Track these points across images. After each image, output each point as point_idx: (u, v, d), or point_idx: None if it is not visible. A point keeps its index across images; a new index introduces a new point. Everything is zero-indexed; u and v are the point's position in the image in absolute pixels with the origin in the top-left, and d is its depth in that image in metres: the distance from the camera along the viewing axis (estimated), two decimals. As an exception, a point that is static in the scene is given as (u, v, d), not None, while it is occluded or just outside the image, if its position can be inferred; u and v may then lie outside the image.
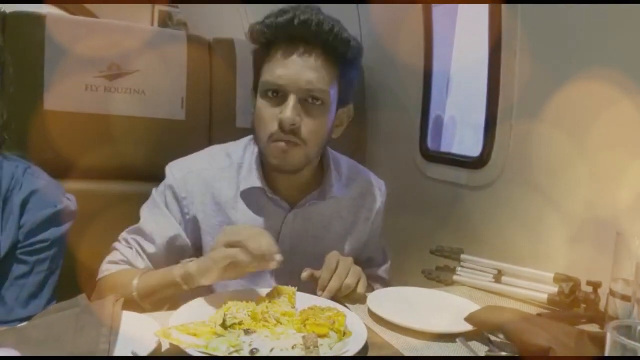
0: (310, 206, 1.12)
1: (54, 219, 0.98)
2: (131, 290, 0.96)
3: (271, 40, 1.00)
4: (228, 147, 1.15)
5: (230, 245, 0.87)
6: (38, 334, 0.74)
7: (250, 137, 1.14)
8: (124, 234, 1.11)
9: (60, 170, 1.26)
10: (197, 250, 1.10)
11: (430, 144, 1.61)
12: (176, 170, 1.09)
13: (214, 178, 1.09)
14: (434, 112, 1.61)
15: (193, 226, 1.09)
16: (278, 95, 1.00)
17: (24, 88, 1.28)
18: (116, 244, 1.10)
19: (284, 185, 1.09)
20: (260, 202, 1.09)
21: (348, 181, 1.19)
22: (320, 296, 0.96)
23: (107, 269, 1.08)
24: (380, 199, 1.23)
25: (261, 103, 1.01)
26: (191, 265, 0.92)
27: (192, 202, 1.08)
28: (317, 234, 1.15)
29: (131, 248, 1.08)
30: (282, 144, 0.99)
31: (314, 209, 1.13)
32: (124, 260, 1.08)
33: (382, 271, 1.27)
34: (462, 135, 1.65)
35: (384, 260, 1.30)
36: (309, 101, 1.00)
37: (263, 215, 1.10)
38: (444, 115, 1.65)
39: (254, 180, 1.07)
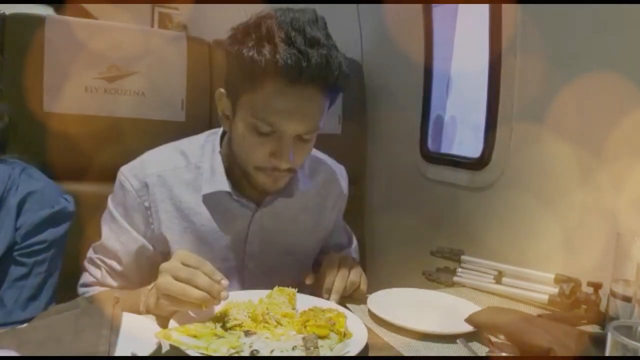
0: (277, 203, 1.07)
1: (52, 220, 0.97)
2: None
3: (268, 71, 0.86)
4: (180, 144, 1.07)
5: (170, 299, 0.81)
6: (38, 335, 0.74)
7: (207, 134, 1.08)
8: (90, 253, 1.08)
9: (59, 172, 1.25)
10: (167, 257, 1.00)
11: (430, 145, 1.61)
12: (132, 177, 1.02)
13: (172, 181, 1.02)
14: (434, 113, 1.61)
15: (160, 236, 1.03)
16: (269, 131, 0.91)
17: (23, 90, 1.28)
18: (85, 264, 1.08)
19: (249, 186, 1.03)
20: (225, 205, 1.03)
21: (311, 172, 1.15)
22: (327, 299, 0.96)
23: (82, 292, 1.06)
24: (343, 184, 1.20)
25: (247, 131, 0.92)
26: (150, 300, 0.87)
27: (155, 211, 1.02)
28: (286, 229, 1.11)
29: (99, 268, 1.05)
30: (273, 179, 0.96)
31: (281, 204, 1.08)
32: (95, 281, 1.06)
33: (351, 251, 1.26)
34: (462, 135, 1.65)
35: (349, 242, 1.28)
36: (303, 137, 0.94)
37: (228, 217, 1.04)
38: (444, 116, 1.65)
39: (217, 184, 1.01)
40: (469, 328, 0.87)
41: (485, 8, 1.33)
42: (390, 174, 1.70)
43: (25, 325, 0.79)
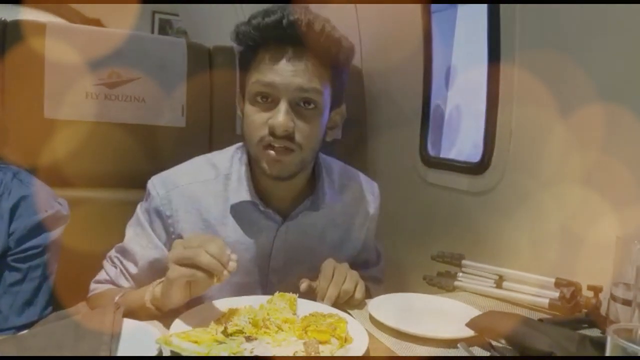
0: (303, 217, 1.07)
1: (45, 225, 0.97)
2: None
3: (258, 42, 0.95)
4: (213, 157, 1.10)
5: (182, 263, 0.81)
6: (38, 342, 0.74)
7: (237, 145, 1.10)
8: (111, 252, 1.09)
9: (60, 179, 1.26)
10: None
11: (430, 149, 1.61)
12: (159, 186, 1.04)
13: (201, 193, 1.04)
14: (433, 114, 1.61)
15: None
16: (268, 100, 0.95)
17: (24, 96, 1.28)
18: (104, 262, 1.09)
19: (276, 196, 1.05)
20: (251, 216, 1.04)
21: (341, 187, 1.15)
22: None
23: (93, 288, 1.07)
24: (373, 203, 1.21)
25: (250, 109, 0.97)
26: (157, 288, 0.88)
27: (177, 221, 1.02)
28: (312, 245, 1.10)
29: (115, 267, 1.06)
30: (274, 153, 0.95)
31: (307, 219, 1.08)
32: (108, 279, 1.06)
33: (376, 270, 1.26)
34: (463, 139, 1.65)
35: (378, 260, 1.28)
36: (301, 105, 0.95)
37: (254, 229, 1.05)
38: (444, 109, 1.65)
39: (244, 193, 1.03)
40: (470, 332, 0.87)
41: (484, 13, 1.33)
42: (391, 178, 1.71)
43: (25, 331, 0.79)
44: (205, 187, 1.04)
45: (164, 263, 1.00)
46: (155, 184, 1.04)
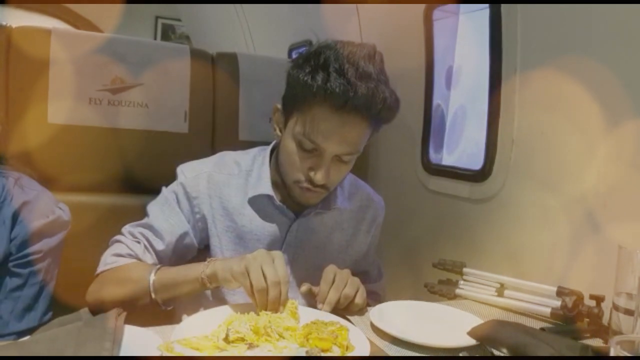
0: (314, 216, 1.14)
1: (46, 230, 0.98)
2: (146, 283, 0.96)
3: (318, 98, 0.96)
4: (237, 155, 1.17)
5: (251, 280, 0.88)
6: (40, 348, 0.73)
7: (259, 148, 1.17)
8: (128, 228, 1.09)
9: (63, 184, 1.26)
10: (202, 251, 1.12)
11: (432, 156, 1.61)
12: (187, 170, 1.12)
13: (223, 183, 1.11)
14: (434, 116, 1.62)
15: (202, 226, 1.11)
16: (312, 149, 1.00)
17: (28, 101, 1.29)
18: (120, 237, 1.08)
19: (289, 196, 1.10)
20: (267, 210, 1.11)
21: (349, 195, 1.21)
22: (320, 309, 0.96)
23: (113, 261, 1.04)
24: (379, 213, 1.26)
25: (291, 145, 1.02)
26: (218, 265, 0.94)
27: (202, 202, 1.09)
28: (319, 244, 1.17)
29: (139, 242, 1.07)
30: (307, 193, 1.04)
31: (317, 219, 1.15)
32: (131, 254, 1.05)
33: (376, 287, 1.27)
34: (465, 147, 1.65)
35: (378, 277, 1.30)
36: (342, 158, 1.02)
37: (268, 222, 1.12)
38: (446, 114, 1.66)
39: (263, 187, 1.09)
40: (471, 341, 0.87)
41: (485, 19, 1.34)
42: (392, 185, 1.71)
43: (27, 338, 0.79)
44: (228, 179, 1.12)
45: (189, 239, 1.10)
46: (184, 169, 1.13)
